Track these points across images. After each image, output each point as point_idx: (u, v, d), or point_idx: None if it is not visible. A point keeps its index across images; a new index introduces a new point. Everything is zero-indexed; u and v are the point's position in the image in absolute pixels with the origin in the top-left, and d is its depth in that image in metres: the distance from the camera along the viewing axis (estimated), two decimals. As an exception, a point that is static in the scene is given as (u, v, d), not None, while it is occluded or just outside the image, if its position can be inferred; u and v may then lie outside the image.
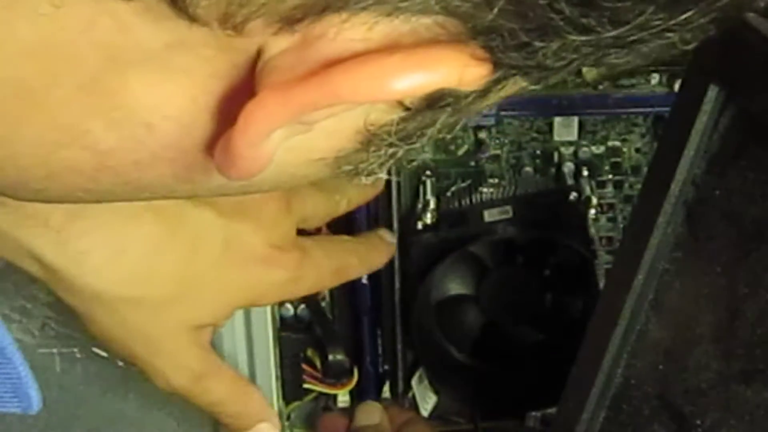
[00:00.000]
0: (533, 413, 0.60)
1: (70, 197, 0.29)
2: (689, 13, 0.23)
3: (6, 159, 0.26)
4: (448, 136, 0.28)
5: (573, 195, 0.58)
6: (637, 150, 0.59)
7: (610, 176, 0.60)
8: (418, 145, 0.27)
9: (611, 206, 0.60)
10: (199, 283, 0.47)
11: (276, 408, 0.59)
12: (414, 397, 0.61)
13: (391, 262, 0.57)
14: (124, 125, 0.25)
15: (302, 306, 0.60)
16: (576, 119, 0.58)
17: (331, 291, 0.59)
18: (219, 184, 0.28)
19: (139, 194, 0.29)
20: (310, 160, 0.27)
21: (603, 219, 0.60)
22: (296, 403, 0.61)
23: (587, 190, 0.58)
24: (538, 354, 0.58)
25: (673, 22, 0.23)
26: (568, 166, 0.59)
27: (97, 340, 0.50)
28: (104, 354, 0.59)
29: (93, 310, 0.46)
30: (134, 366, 0.50)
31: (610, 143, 0.59)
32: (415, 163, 0.57)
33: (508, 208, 0.57)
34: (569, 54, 0.23)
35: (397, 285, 0.58)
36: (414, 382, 0.61)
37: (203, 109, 0.25)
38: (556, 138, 0.59)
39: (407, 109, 0.25)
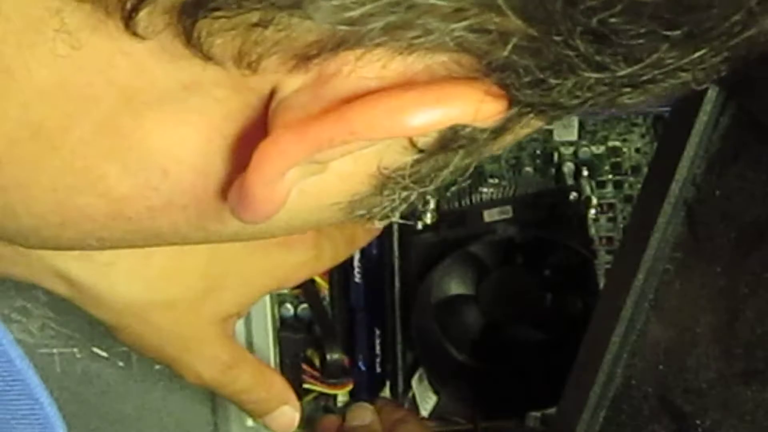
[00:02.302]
0: (533, 413, 0.60)
1: (81, 245, 0.29)
2: (702, 52, 0.23)
3: (20, 205, 0.26)
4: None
5: (573, 195, 0.58)
6: (637, 150, 0.59)
7: (610, 176, 0.60)
8: (431, 187, 0.27)
9: (611, 206, 0.60)
10: (224, 275, 0.47)
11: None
12: (414, 397, 0.61)
13: (391, 262, 0.57)
14: (140, 170, 0.25)
15: (302, 306, 0.60)
16: (576, 119, 0.58)
17: (331, 291, 0.59)
18: (233, 230, 0.28)
19: (151, 241, 0.29)
20: (324, 205, 0.27)
21: (603, 219, 0.60)
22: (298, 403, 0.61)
23: (587, 190, 0.58)
24: (538, 354, 0.58)
25: (685, 60, 0.23)
26: (568, 166, 0.59)
27: (129, 347, 0.50)
28: (104, 354, 0.59)
29: (125, 320, 0.46)
30: (164, 364, 0.50)
31: (610, 143, 0.59)
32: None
33: (508, 208, 0.57)
34: (584, 92, 0.23)
35: (397, 285, 0.58)
36: (414, 382, 0.61)
37: (217, 153, 0.25)
38: (556, 138, 0.59)
39: (421, 151, 0.25)
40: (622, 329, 0.44)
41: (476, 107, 0.23)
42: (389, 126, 0.22)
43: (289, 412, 0.53)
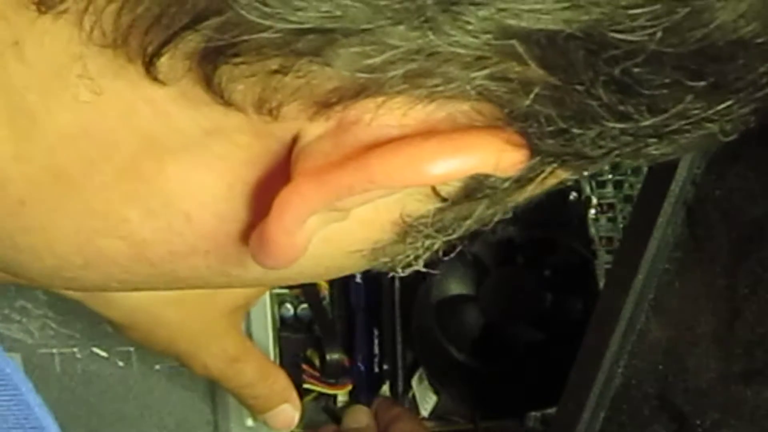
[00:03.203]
0: (533, 413, 0.59)
1: (103, 287, 0.29)
2: (728, 103, 0.22)
3: (43, 246, 0.26)
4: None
5: (573, 195, 0.58)
6: (637, 150, 0.59)
7: (610, 176, 0.60)
8: (455, 236, 0.26)
9: (611, 206, 0.60)
10: None
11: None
12: (414, 397, 0.61)
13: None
14: (162, 214, 0.25)
15: (302, 306, 0.60)
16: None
17: (331, 291, 0.59)
18: (255, 276, 0.28)
19: (172, 285, 0.29)
20: (347, 252, 0.27)
21: (603, 219, 0.60)
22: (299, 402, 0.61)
23: (587, 190, 0.58)
24: (538, 354, 0.58)
25: (711, 111, 0.22)
26: (568, 166, 0.59)
27: (138, 344, 0.50)
28: (104, 354, 0.59)
29: (135, 318, 0.46)
30: (172, 357, 0.51)
31: (610, 143, 0.59)
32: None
33: (508, 208, 0.57)
34: (608, 143, 0.23)
35: (397, 285, 0.58)
36: (414, 382, 0.61)
37: (239, 198, 0.25)
38: (556, 138, 0.59)
39: (444, 200, 0.25)
40: (622, 329, 0.44)
41: (497, 157, 0.22)
42: (409, 175, 0.22)
43: (290, 411, 0.53)
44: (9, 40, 0.22)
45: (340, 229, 0.25)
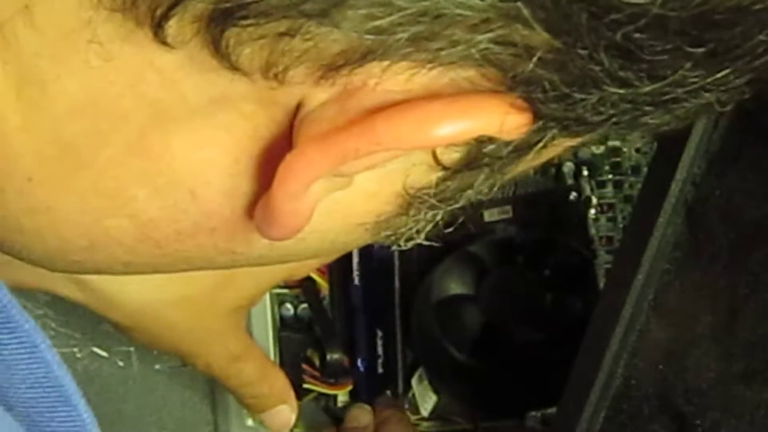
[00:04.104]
0: (533, 413, 0.59)
1: (108, 269, 0.29)
2: (725, 72, 0.23)
3: (48, 227, 0.26)
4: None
5: (573, 195, 0.58)
6: (637, 150, 0.59)
7: (610, 176, 0.60)
8: (457, 206, 0.27)
9: (611, 206, 0.60)
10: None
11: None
12: (414, 397, 0.61)
13: (390, 262, 0.57)
14: (169, 192, 0.25)
15: (302, 306, 0.60)
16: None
17: (331, 291, 0.59)
18: (259, 254, 0.28)
19: (177, 266, 0.29)
20: (351, 225, 0.27)
21: (603, 219, 0.60)
22: (296, 403, 0.61)
23: (587, 190, 0.58)
24: (538, 354, 0.58)
25: (709, 80, 0.23)
26: (568, 166, 0.59)
27: (141, 345, 0.50)
28: (104, 354, 0.59)
29: (139, 320, 0.46)
30: (175, 355, 0.51)
31: (610, 143, 0.59)
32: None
33: (508, 208, 0.57)
34: (607, 108, 0.23)
35: (397, 285, 0.58)
36: (414, 382, 0.61)
37: (244, 173, 0.25)
38: (556, 138, 0.59)
39: (446, 168, 0.25)
40: (622, 329, 0.44)
41: (501, 119, 0.23)
42: (415, 136, 0.22)
43: (287, 412, 0.53)
44: (19, 4, 0.22)
45: (345, 202, 0.25)
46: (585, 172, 0.59)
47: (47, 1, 0.22)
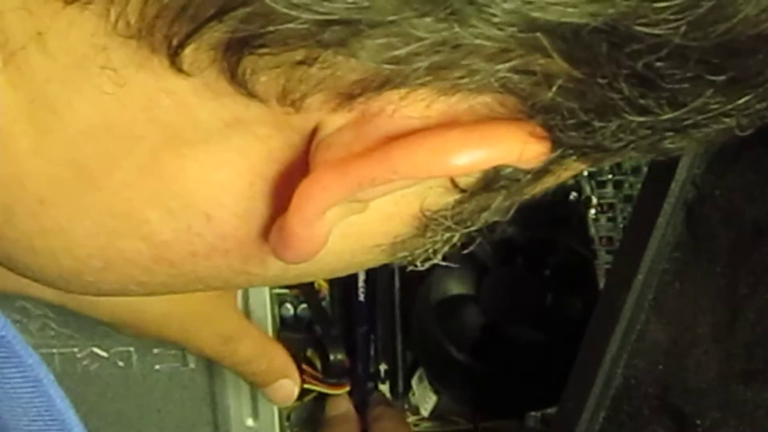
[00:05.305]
0: (533, 413, 0.59)
1: (122, 291, 0.29)
2: (747, 98, 0.22)
3: (61, 249, 0.26)
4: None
5: (573, 195, 0.58)
6: (637, 150, 0.59)
7: (610, 176, 0.60)
8: (473, 228, 0.27)
9: (611, 206, 0.60)
10: None
11: (275, 409, 0.59)
12: (414, 397, 0.61)
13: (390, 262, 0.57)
14: (182, 214, 0.25)
15: (302, 306, 0.60)
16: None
17: (331, 291, 0.59)
18: (274, 274, 0.28)
19: (192, 286, 0.29)
20: (366, 246, 0.27)
21: (603, 219, 0.60)
22: (296, 404, 0.61)
23: (587, 190, 0.58)
24: (538, 354, 0.58)
25: (730, 106, 0.22)
26: (568, 166, 0.59)
27: (132, 337, 0.51)
28: (104, 354, 0.59)
29: (123, 315, 0.46)
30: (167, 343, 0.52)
31: (610, 143, 0.59)
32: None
33: (508, 208, 0.57)
34: (627, 135, 0.23)
35: (397, 285, 0.58)
36: (414, 382, 0.61)
37: (259, 196, 0.25)
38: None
39: (463, 191, 0.25)
40: (622, 329, 0.44)
41: (520, 148, 0.22)
42: (432, 165, 0.22)
43: (289, 385, 0.54)
44: (32, 32, 0.22)
45: (361, 224, 0.25)
46: (585, 172, 0.59)
47: (61, 29, 0.22)
